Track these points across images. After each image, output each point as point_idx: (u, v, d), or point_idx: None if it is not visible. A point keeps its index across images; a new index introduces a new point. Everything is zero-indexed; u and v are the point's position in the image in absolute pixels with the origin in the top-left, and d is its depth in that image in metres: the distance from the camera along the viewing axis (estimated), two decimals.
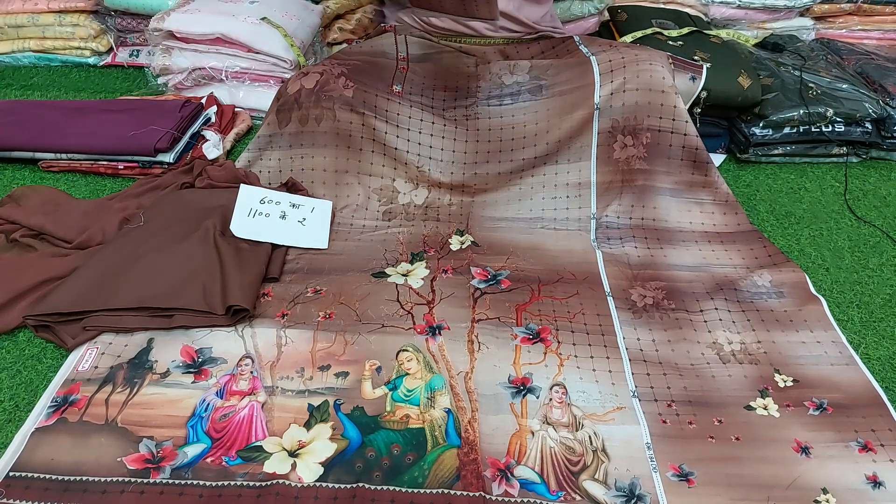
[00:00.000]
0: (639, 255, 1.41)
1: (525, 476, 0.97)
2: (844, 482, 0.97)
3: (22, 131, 1.66)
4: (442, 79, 1.67)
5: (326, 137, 1.54)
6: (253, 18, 1.90)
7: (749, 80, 1.71)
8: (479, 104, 1.60)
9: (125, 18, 2.21)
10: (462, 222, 1.50)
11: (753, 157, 1.77)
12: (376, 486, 0.94)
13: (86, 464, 0.96)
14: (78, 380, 1.09)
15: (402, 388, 1.10)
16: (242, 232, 1.36)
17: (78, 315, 1.17)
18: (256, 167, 1.60)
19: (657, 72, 1.47)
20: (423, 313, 1.25)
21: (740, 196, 1.61)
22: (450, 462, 0.98)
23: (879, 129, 1.77)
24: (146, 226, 1.37)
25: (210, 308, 1.18)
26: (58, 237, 1.37)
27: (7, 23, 2.16)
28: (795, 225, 1.55)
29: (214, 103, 1.84)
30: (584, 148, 1.50)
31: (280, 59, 1.87)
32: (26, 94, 2.05)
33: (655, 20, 2.00)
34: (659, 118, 1.46)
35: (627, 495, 0.94)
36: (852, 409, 1.08)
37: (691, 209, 1.50)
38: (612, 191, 1.50)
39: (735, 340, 1.21)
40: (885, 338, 1.24)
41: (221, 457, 0.98)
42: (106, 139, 1.64)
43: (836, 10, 2.25)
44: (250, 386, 1.09)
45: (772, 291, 1.32)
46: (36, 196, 1.48)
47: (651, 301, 1.30)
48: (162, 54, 1.94)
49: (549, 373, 1.13)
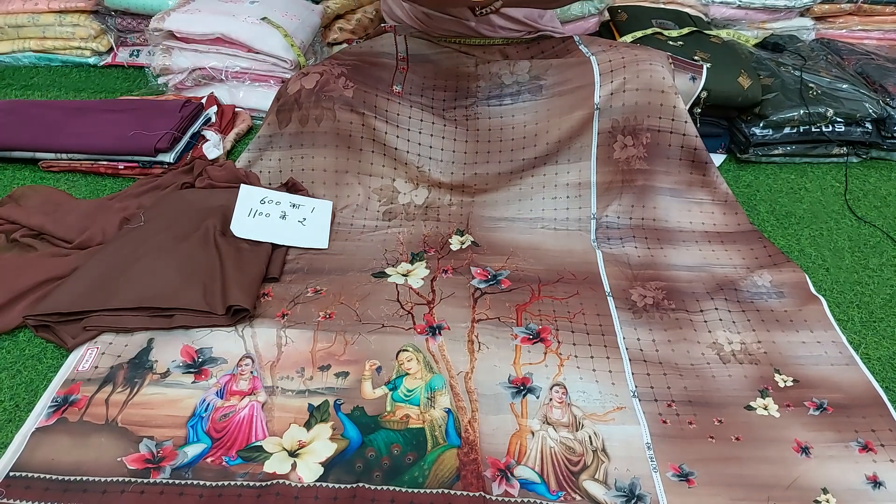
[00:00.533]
0: (639, 256, 1.41)
1: (525, 476, 0.97)
2: (845, 482, 0.97)
3: (22, 131, 1.67)
4: (442, 79, 1.67)
5: (326, 137, 1.54)
6: (253, 18, 1.90)
7: (749, 81, 1.71)
8: (478, 104, 1.60)
9: (125, 18, 2.21)
10: (462, 222, 1.50)
11: (754, 157, 1.77)
12: (376, 486, 0.94)
13: (86, 464, 0.96)
14: (78, 380, 1.09)
15: (403, 388, 1.10)
16: (242, 232, 1.36)
17: (78, 315, 1.17)
18: (257, 167, 1.60)
19: (657, 72, 1.47)
20: (423, 313, 1.25)
21: (740, 196, 1.61)
22: (450, 462, 0.98)
23: (879, 129, 1.77)
24: (146, 226, 1.37)
25: (210, 308, 1.18)
26: (58, 237, 1.37)
27: (7, 23, 2.16)
28: (796, 225, 1.55)
29: (215, 103, 1.84)
30: (584, 148, 1.50)
31: (280, 59, 1.87)
32: (26, 94, 2.05)
33: (655, 20, 2.00)
34: (659, 118, 1.46)
35: (627, 495, 0.94)
36: (852, 409, 1.08)
37: (691, 209, 1.50)
38: (612, 191, 1.50)
39: (735, 340, 1.21)
40: (885, 338, 1.24)
41: (221, 457, 0.98)
42: (106, 139, 1.64)
43: (836, 10, 2.25)
44: (250, 386, 1.09)
45: (772, 291, 1.32)
46: (36, 196, 1.48)
47: (651, 301, 1.30)
48: (162, 54, 1.94)
49: (550, 373, 1.13)
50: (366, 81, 1.58)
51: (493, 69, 1.64)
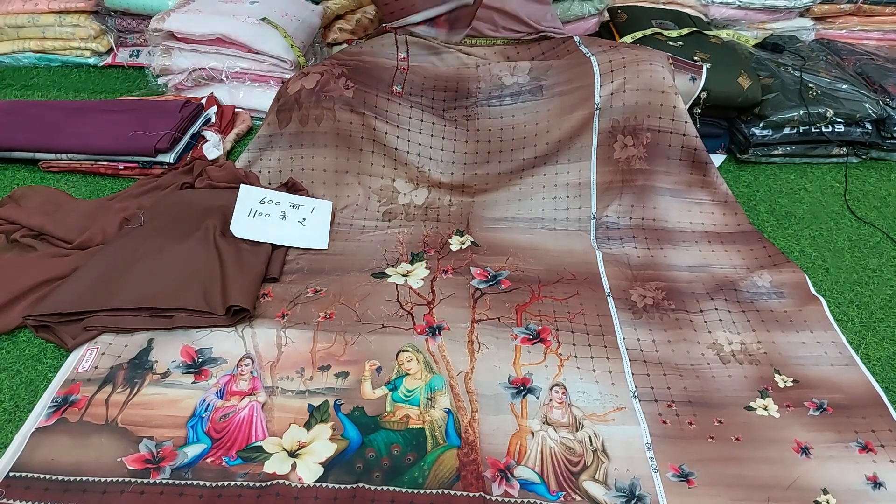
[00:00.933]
0: (639, 256, 1.41)
1: (525, 476, 0.97)
2: (845, 482, 0.97)
3: (22, 132, 1.67)
4: (442, 79, 1.67)
5: (326, 138, 1.54)
6: (253, 19, 1.90)
7: (749, 81, 1.71)
8: (479, 104, 1.60)
9: (125, 19, 2.21)
10: (462, 222, 1.50)
11: (753, 157, 1.77)
12: (376, 487, 0.94)
13: (86, 464, 0.96)
14: (78, 380, 1.09)
15: (402, 388, 1.10)
16: (242, 232, 1.36)
17: (78, 315, 1.17)
18: (256, 167, 1.60)
19: (657, 72, 1.47)
20: (423, 314, 1.25)
21: (740, 196, 1.61)
22: (450, 462, 0.98)
23: (879, 129, 1.77)
24: (146, 226, 1.37)
25: (210, 308, 1.18)
26: (58, 237, 1.37)
27: (7, 23, 2.16)
28: (795, 225, 1.55)
29: (214, 104, 1.84)
30: (584, 148, 1.50)
31: (280, 59, 1.87)
32: (27, 94, 2.05)
33: (655, 21, 2.00)
34: (659, 118, 1.46)
35: (627, 496, 0.94)
36: (852, 409, 1.08)
37: (691, 209, 1.50)
38: (612, 191, 1.50)
39: (735, 341, 1.21)
40: (885, 338, 1.24)
41: (221, 457, 0.98)
42: (106, 139, 1.64)
43: (835, 10, 2.25)
44: (250, 386, 1.09)
45: (772, 292, 1.32)
46: (36, 196, 1.48)
47: (651, 301, 1.30)
48: (162, 55, 1.94)
49: (549, 373, 1.13)
50: (366, 82, 1.58)
51: (493, 70, 1.64)
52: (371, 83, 1.59)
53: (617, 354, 1.17)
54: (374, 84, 1.59)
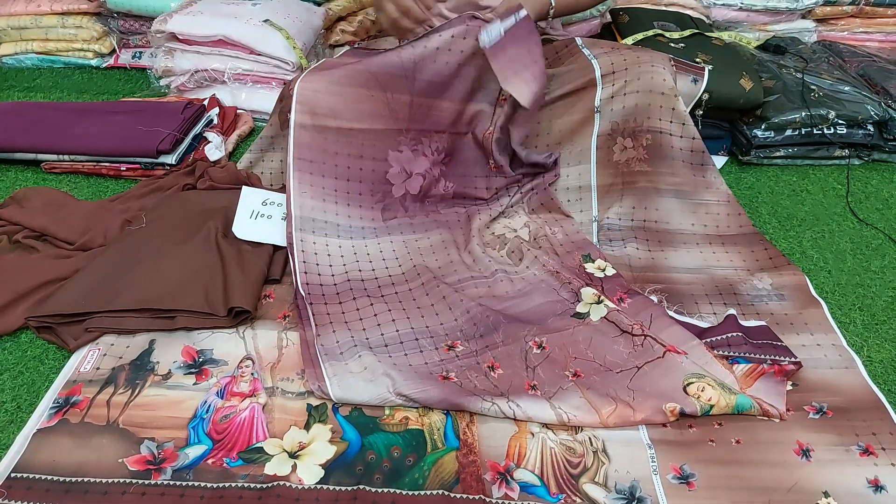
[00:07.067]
0: (640, 257, 1.41)
1: (525, 479, 0.97)
2: (846, 486, 0.97)
3: (25, 133, 1.67)
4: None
5: None
6: (255, 20, 1.90)
7: (751, 83, 1.71)
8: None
9: (128, 20, 2.21)
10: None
11: (755, 159, 1.77)
12: (377, 489, 0.94)
13: (87, 465, 0.96)
14: (80, 381, 1.09)
15: None
16: (244, 233, 1.36)
17: (80, 316, 1.17)
18: (258, 168, 1.60)
19: (658, 74, 1.47)
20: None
21: (742, 198, 1.61)
22: (449, 465, 0.98)
23: (882, 131, 1.76)
24: (148, 227, 1.37)
25: (212, 310, 1.18)
26: (60, 238, 1.37)
27: (10, 25, 2.17)
28: (797, 227, 1.55)
29: (216, 105, 1.84)
30: (584, 151, 1.50)
31: (282, 60, 1.87)
32: (29, 95, 2.06)
33: (657, 22, 2.00)
34: (659, 120, 1.46)
35: (628, 498, 0.94)
36: (853, 412, 1.07)
37: (696, 210, 1.49)
38: (612, 193, 1.50)
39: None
40: (887, 340, 1.24)
41: (222, 458, 0.98)
42: (108, 141, 1.65)
43: (838, 12, 2.25)
44: (251, 387, 1.10)
45: (772, 294, 1.31)
46: (38, 197, 1.49)
47: None
48: (164, 56, 1.94)
49: None
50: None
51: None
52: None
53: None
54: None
